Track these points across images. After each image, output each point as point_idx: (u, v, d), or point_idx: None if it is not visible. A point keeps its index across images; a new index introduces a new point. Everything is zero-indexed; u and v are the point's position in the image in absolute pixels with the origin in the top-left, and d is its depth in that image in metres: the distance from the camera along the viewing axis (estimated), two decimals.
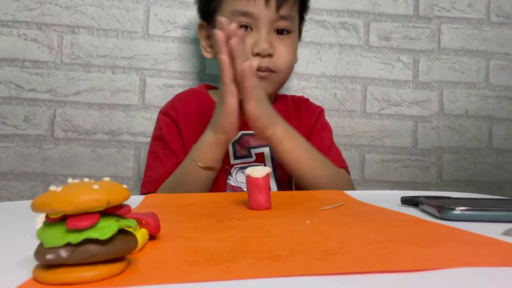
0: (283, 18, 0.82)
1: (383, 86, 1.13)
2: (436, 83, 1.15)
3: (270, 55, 0.81)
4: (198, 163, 0.70)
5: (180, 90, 1.04)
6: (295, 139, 0.73)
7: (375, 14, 1.13)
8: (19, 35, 1.01)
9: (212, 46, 0.89)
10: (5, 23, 1.00)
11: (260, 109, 0.67)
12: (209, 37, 0.89)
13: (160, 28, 1.05)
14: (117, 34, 1.04)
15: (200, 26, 0.91)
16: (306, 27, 1.09)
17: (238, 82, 0.64)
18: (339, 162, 0.86)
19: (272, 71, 0.82)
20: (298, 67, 1.10)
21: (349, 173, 0.88)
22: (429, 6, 1.15)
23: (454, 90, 1.16)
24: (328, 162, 0.78)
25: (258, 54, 0.80)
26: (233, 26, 0.63)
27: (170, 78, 1.06)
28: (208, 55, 0.91)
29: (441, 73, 1.15)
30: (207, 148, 0.70)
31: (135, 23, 1.04)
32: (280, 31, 0.83)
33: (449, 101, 1.16)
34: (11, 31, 1.00)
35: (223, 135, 0.69)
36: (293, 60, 0.88)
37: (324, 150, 0.83)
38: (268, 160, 0.84)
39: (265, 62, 0.81)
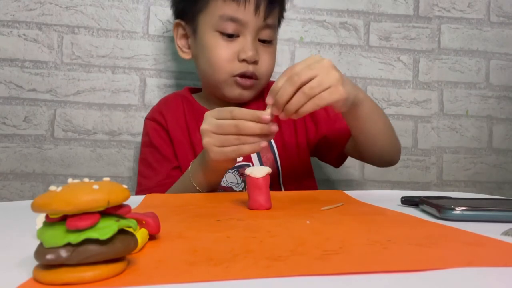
0: (268, 27, 0.82)
1: (383, 86, 1.13)
2: (436, 83, 1.15)
3: (255, 62, 0.81)
4: (198, 188, 0.68)
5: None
6: (371, 100, 0.71)
7: (375, 14, 1.13)
8: (19, 35, 1.00)
9: (190, 47, 0.87)
10: (5, 23, 1.00)
11: (347, 89, 0.60)
12: (186, 36, 0.87)
13: (160, 28, 1.05)
14: (117, 34, 1.04)
15: (177, 25, 0.88)
16: (306, 27, 1.10)
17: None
18: None
19: (256, 78, 0.82)
20: None
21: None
22: (429, 6, 1.15)
23: (454, 90, 1.16)
24: (393, 128, 0.78)
25: (244, 60, 0.80)
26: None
27: (170, 78, 1.06)
28: (185, 55, 0.89)
29: (441, 73, 1.15)
30: (206, 176, 0.68)
31: (135, 23, 1.04)
32: (263, 41, 0.83)
33: (449, 101, 1.16)
34: (11, 31, 1.00)
35: (220, 171, 0.68)
36: (273, 69, 0.87)
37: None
38: (255, 160, 0.83)
39: (251, 69, 0.81)
